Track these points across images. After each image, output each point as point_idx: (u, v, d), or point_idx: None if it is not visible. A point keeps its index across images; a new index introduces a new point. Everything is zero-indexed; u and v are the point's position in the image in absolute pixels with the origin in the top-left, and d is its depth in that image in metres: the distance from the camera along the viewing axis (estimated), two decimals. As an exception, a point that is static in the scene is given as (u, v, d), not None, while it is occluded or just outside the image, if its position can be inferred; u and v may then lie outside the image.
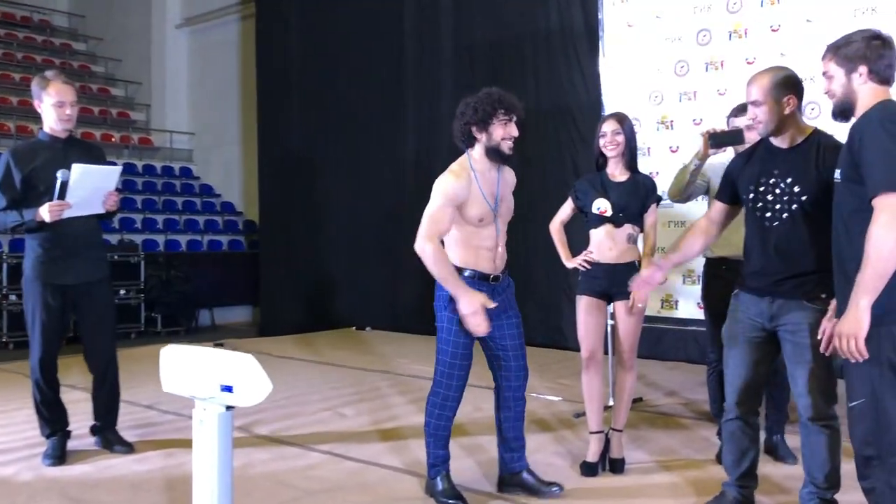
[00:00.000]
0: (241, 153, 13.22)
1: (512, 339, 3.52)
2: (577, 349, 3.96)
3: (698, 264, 5.06)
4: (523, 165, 7.93)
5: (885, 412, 2.49)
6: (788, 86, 2.99)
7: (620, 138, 3.81)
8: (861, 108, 2.62)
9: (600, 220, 3.83)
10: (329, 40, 9.82)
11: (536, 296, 7.62)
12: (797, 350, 3.00)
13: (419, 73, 9.01)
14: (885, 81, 2.61)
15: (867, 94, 2.61)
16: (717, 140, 3.50)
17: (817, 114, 4.60)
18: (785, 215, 2.99)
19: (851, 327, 2.46)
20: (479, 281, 3.38)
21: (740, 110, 3.81)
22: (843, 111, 2.71)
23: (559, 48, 7.67)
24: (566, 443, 4.48)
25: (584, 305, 3.88)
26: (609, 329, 4.63)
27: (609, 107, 5.33)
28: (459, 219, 3.36)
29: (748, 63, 4.73)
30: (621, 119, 3.85)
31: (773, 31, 4.78)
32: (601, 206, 3.80)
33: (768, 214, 3.04)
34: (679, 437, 4.58)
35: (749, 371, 3.16)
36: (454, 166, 3.41)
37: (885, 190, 2.41)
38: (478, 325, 3.28)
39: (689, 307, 5.19)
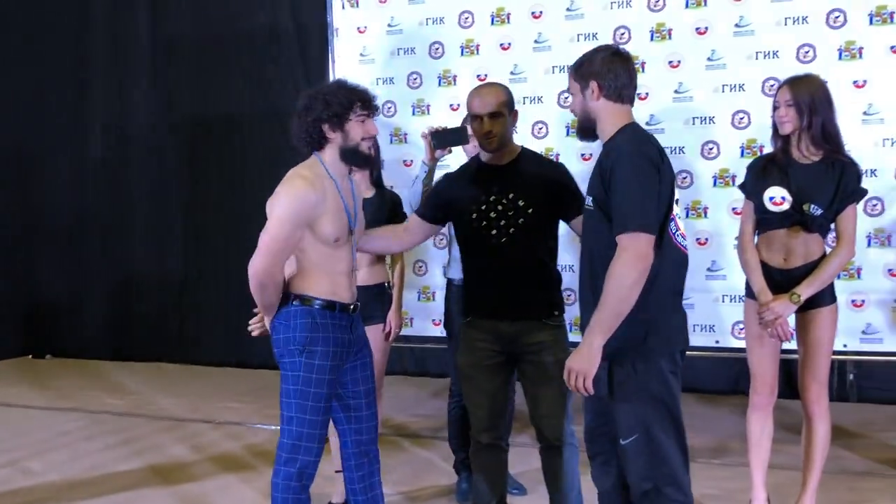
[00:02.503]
0: None
1: (365, 382, 2.98)
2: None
3: (433, 283, 5.04)
4: (233, 173, 7.52)
5: (659, 446, 2.52)
6: (512, 102, 3.08)
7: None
8: (604, 129, 2.56)
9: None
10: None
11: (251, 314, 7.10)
12: (541, 370, 3.02)
13: (108, 65, 8.08)
14: (621, 99, 2.55)
15: (604, 111, 2.55)
16: (440, 139, 3.20)
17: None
18: (512, 230, 2.99)
19: (583, 365, 2.42)
20: (339, 313, 2.82)
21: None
22: (582, 129, 2.67)
23: (268, 52, 7.32)
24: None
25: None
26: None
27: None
28: (311, 238, 2.77)
29: (479, 78, 4.75)
30: None
31: (504, 49, 4.86)
32: None
33: (493, 232, 3.01)
34: (418, 461, 4.53)
35: (493, 398, 3.13)
36: (304, 171, 2.80)
37: (629, 228, 2.37)
38: None
39: (424, 324, 5.12)
